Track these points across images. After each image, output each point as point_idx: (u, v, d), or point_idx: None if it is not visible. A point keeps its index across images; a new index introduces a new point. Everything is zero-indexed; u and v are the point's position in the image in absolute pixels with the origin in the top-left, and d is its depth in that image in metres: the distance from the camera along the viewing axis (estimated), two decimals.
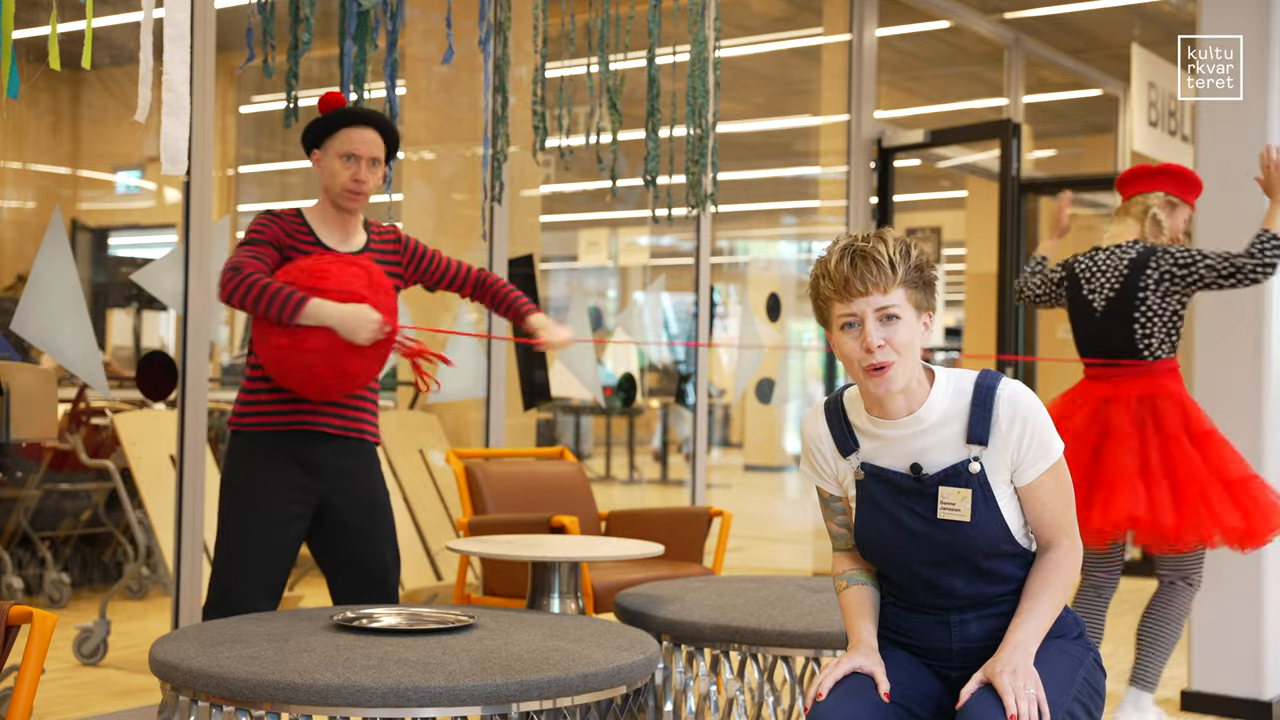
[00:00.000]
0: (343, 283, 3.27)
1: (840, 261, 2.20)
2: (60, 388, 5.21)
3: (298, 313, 3.18)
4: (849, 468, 2.33)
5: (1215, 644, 4.73)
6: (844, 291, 2.20)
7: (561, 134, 4.42)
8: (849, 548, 2.43)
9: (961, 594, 2.28)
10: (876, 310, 2.19)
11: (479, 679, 2.44)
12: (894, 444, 2.27)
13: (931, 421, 2.24)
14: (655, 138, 4.58)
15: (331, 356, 3.23)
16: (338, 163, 3.41)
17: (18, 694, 1.93)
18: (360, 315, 3.22)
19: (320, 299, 3.21)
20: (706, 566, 4.54)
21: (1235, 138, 4.76)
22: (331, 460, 3.44)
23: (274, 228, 3.40)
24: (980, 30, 8.36)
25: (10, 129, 7.12)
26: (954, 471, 2.23)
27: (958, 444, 2.24)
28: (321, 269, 3.28)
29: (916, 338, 2.21)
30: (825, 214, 8.41)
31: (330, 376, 3.27)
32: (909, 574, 2.30)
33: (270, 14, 3.76)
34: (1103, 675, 2.32)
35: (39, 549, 5.77)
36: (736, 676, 3.19)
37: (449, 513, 5.99)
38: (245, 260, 3.28)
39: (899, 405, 2.25)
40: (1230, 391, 4.71)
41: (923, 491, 2.24)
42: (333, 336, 3.22)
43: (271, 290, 3.20)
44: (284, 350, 3.25)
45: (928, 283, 2.23)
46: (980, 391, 2.24)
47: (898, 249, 2.20)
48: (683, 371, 9.24)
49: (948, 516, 2.22)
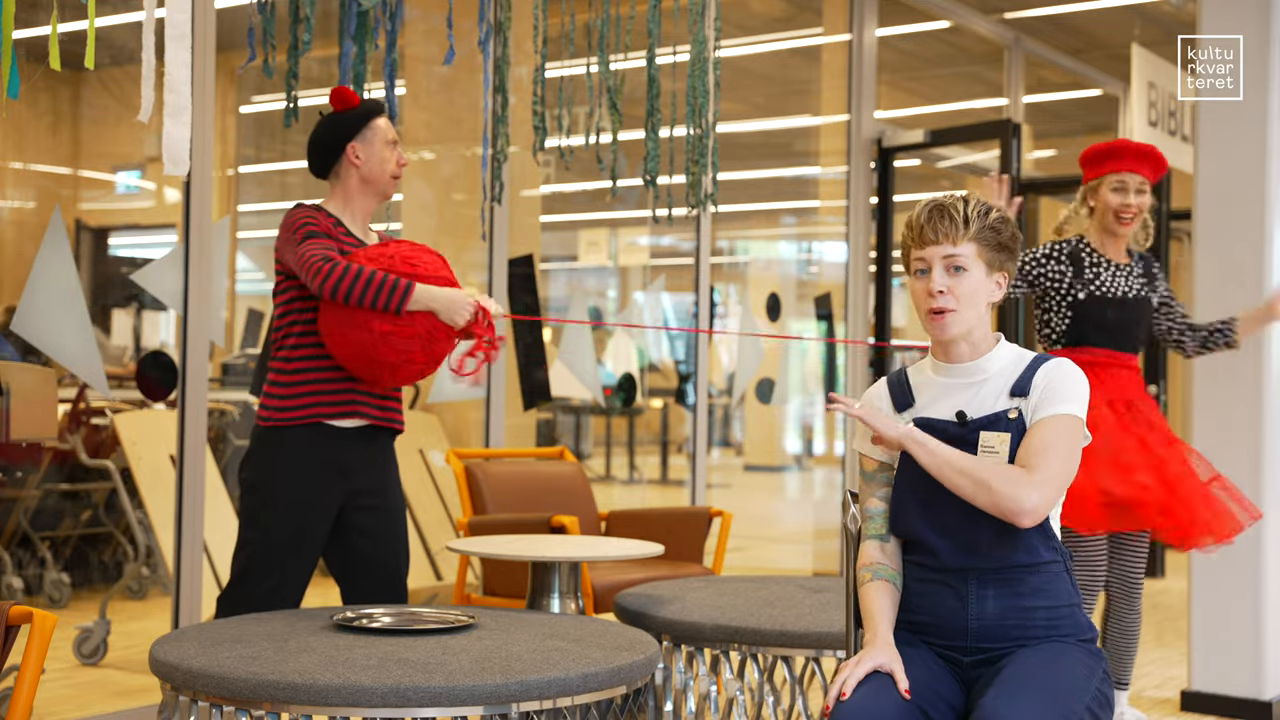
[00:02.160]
0: (434, 268, 3.32)
1: (921, 212, 2.42)
2: (60, 388, 5.21)
3: (408, 298, 3.21)
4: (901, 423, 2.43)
5: (1215, 644, 4.74)
6: (919, 239, 2.40)
7: (561, 134, 4.42)
8: (881, 534, 2.46)
9: (986, 553, 2.32)
10: (944, 258, 2.38)
11: (479, 679, 2.44)
12: (949, 394, 2.43)
13: (990, 373, 2.42)
14: (655, 138, 4.58)
15: (429, 341, 3.28)
16: (386, 149, 3.46)
17: (18, 694, 1.93)
18: (460, 298, 3.28)
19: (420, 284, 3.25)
20: (706, 566, 4.54)
21: (1235, 138, 4.76)
22: (359, 460, 3.41)
23: (321, 220, 3.38)
24: (980, 30, 8.36)
25: (10, 129, 7.12)
26: (995, 418, 2.37)
27: (1003, 397, 2.39)
28: (410, 255, 3.32)
29: (982, 292, 2.39)
30: (825, 214, 8.41)
31: (423, 361, 3.31)
32: (941, 529, 2.35)
33: (270, 14, 3.76)
34: (1111, 685, 2.34)
35: (39, 549, 5.77)
36: (736, 676, 3.19)
37: (449, 513, 5.99)
38: (329, 253, 3.27)
39: (963, 350, 2.43)
40: (1231, 392, 4.71)
41: (966, 437, 2.37)
42: (433, 321, 3.26)
43: (379, 279, 3.20)
44: (385, 337, 3.24)
45: (1004, 245, 2.41)
46: (1038, 359, 2.42)
47: (977, 208, 2.39)
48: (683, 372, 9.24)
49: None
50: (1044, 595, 2.33)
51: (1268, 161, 4.72)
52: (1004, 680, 2.22)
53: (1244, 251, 4.71)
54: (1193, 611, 4.80)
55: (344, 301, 3.21)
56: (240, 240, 9.16)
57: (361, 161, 3.44)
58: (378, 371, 3.31)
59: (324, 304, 3.29)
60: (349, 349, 3.28)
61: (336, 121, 3.44)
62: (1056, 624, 2.34)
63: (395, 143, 3.49)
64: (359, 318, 3.23)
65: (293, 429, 3.36)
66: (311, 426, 3.36)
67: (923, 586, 2.39)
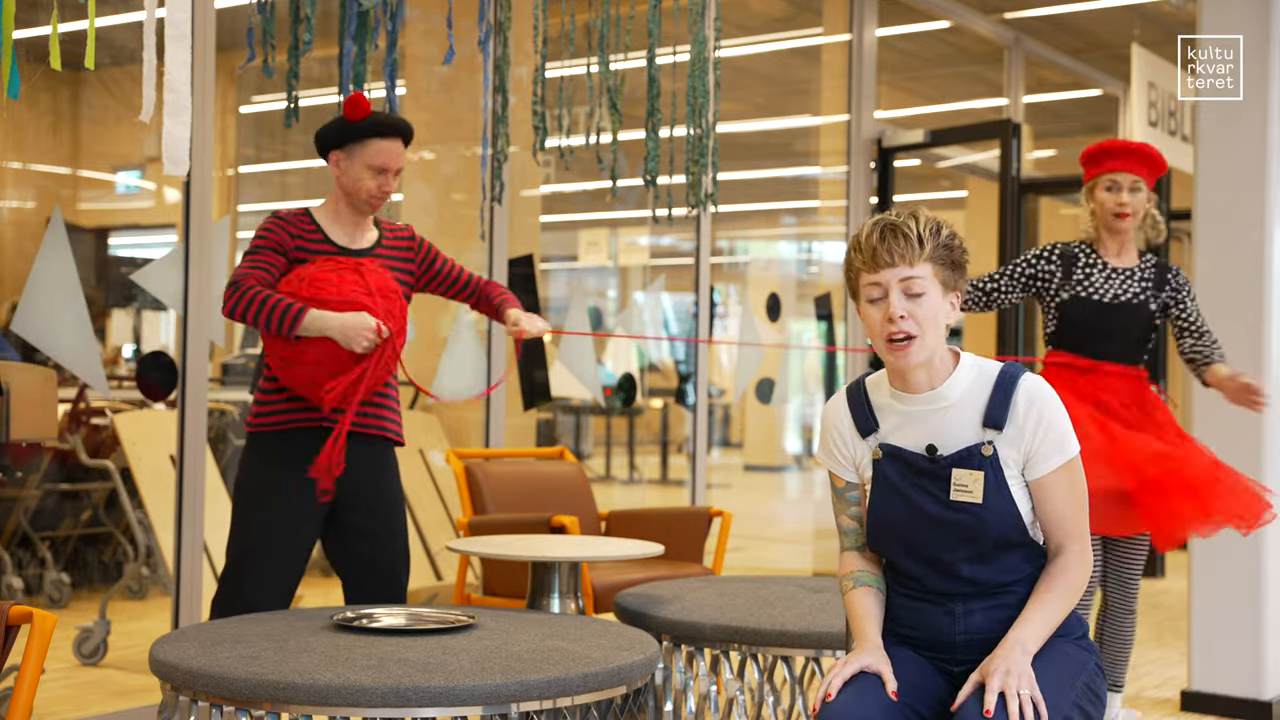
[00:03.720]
0: (341, 291, 3.26)
1: (871, 234, 2.27)
2: (60, 388, 5.21)
3: (296, 324, 3.19)
4: (866, 449, 2.36)
5: (1215, 644, 4.74)
6: (872, 262, 2.26)
7: (561, 134, 4.42)
8: (858, 545, 2.44)
9: (968, 579, 2.28)
10: (901, 281, 2.24)
11: (479, 679, 2.44)
12: (913, 421, 2.31)
13: (952, 400, 2.29)
14: (655, 138, 4.58)
15: (331, 367, 3.24)
16: (366, 173, 3.41)
17: (18, 694, 1.93)
18: (357, 323, 3.21)
19: (318, 309, 3.21)
20: (706, 566, 4.54)
21: (1235, 138, 4.76)
22: (349, 459, 3.42)
23: (279, 233, 3.38)
24: (980, 30, 8.35)
25: (10, 129, 7.12)
26: (968, 454, 2.26)
27: (974, 427, 2.27)
28: (320, 278, 3.28)
29: (941, 314, 2.27)
30: (825, 214, 8.41)
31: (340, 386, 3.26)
32: (919, 557, 2.31)
33: (270, 14, 3.76)
34: (1103, 680, 2.32)
35: (39, 549, 5.77)
36: (736, 676, 3.19)
37: (449, 513, 5.99)
38: (245, 274, 3.29)
39: (921, 379, 2.29)
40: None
41: (936, 473, 2.28)
42: (331, 346, 3.22)
43: (271, 303, 3.21)
44: (285, 361, 3.28)
45: (956, 262, 2.29)
46: (1003, 378, 2.29)
47: (928, 226, 2.26)
48: (683, 371, 9.24)
49: (960, 498, 2.25)
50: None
51: (1268, 161, 4.73)
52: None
53: (1244, 251, 4.71)
54: (1193, 611, 4.80)
55: (242, 322, 3.27)
56: (240, 240, 9.15)
57: (340, 173, 3.44)
58: (300, 392, 3.35)
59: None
60: (279, 372, 3.35)
61: (334, 125, 3.45)
62: None
63: (385, 170, 3.41)
64: (267, 342, 3.32)
65: (275, 433, 3.39)
66: (294, 430, 3.38)
67: (909, 602, 2.36)
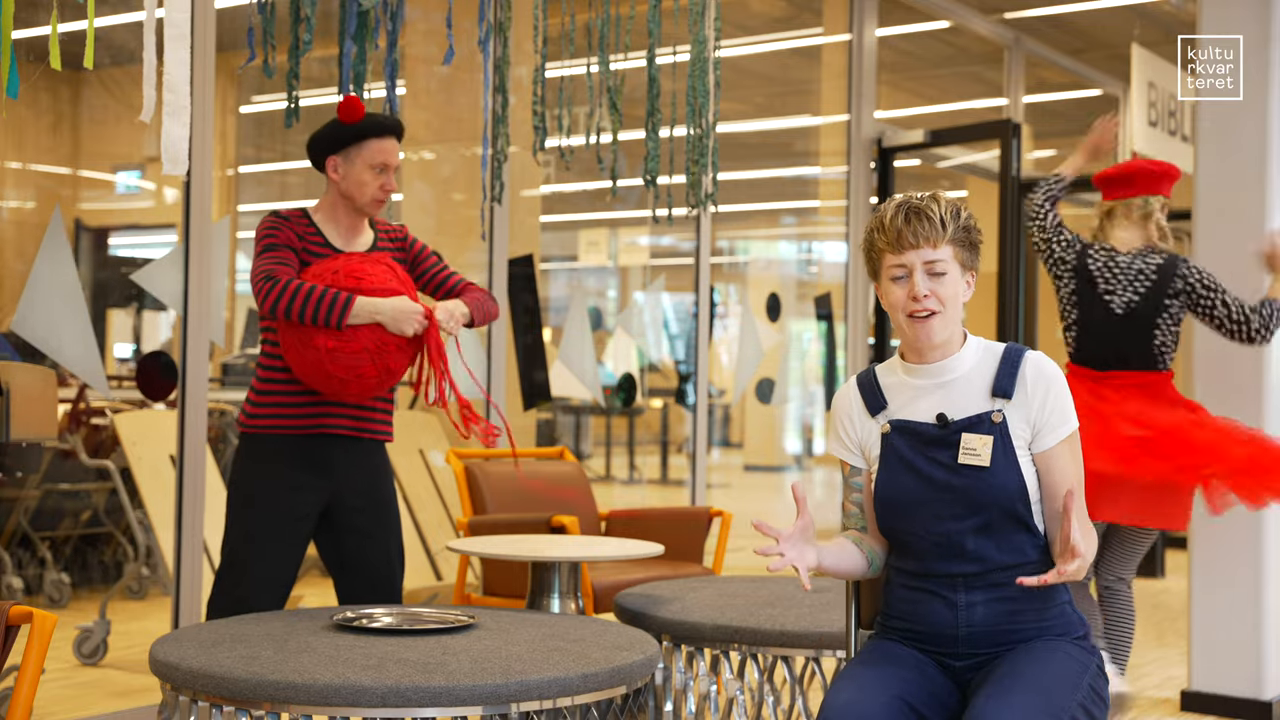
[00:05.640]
0: (379, 280, 3.27)
1: (895, 216, 2.35)
2: (60, 387, 5.21)
3: (347, 312, 3.18)
4: (875, 427, 2.42)
5: (1215, 644, 4.74)
6: (896, 244, 2.34)
7: (561, 134, 4.42)
8: (859, 526, 2.50)
9: (973, 554, 2.31)
10: (925, 263, 2.33)
11: (479, 679, 2.44)
12: (923, 395, 2.39)
13: (960, 372, 2.38)
14: (655, 138, 4.58)
15: (378, 354, 3.24)
16: (368, 173, 3.41)
17: (18, 694, 1.93)
18: (406, 307, 3.24)
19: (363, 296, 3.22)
20: (706, 566, 4.54)
21: (1235, 138, 4.76)
22: (342, 461, 3.42)
23: (286, 230, 3.38)
24: (980, 30, 8.35)
25: (10, 129, 7.12)
26: (978, 420, 2.33)
27: (983, 396, 2.36)
28: (356, 268, 3.28)
29: (960, 294, 2.37)
30: (825, 214, 8.42)
31: (375, 375, 3.27)
32: (923, 532, 2.34)
33: (270, 14, 3.76)
34: (1106, 681, 2.34)
35: (39, 549, 5.77)
36: (736, 676, 3.19)
37: (449, 513, 5.98)
38: (276, 268, 3.26)
39: (936, 351, 2.39)
40: (1231, 392, 4.71)
41: (946, 439, 2.34)
42: (379, 333, 3.22)
43: (317, 294, 3.18)
44: (331, 353, 3.22)
45: (974, 244, 2.40)
46: (1009, 353, 2.39)
47: (949, 209, 2.35)
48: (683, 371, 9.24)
49: (968, 461, 2.31)
50: (1033, 596, 2.32)
51: (1268, 161, 4.72)
52: (995, 680, 2.22)
53: (1244, 251, 4.71)
54: (1193, 611, 4.80)
55: (285, 318, 3.21)
56: (240, 240, 9.16)
57: (339, 178, 3.44)
58: (334, 387, 3.30)
59: (280, 321, 3.29)
60: (304, 366, 3.29)
61: (328, 131, 3.44)
62: (1047, 624, 2.33)
63: (386, 167, 3.42)
64: (306, 335, 3.24)
65: (265, 435, 3.39)
66: (287, 435, 3.39)
67: (910, 594, 2.38)
